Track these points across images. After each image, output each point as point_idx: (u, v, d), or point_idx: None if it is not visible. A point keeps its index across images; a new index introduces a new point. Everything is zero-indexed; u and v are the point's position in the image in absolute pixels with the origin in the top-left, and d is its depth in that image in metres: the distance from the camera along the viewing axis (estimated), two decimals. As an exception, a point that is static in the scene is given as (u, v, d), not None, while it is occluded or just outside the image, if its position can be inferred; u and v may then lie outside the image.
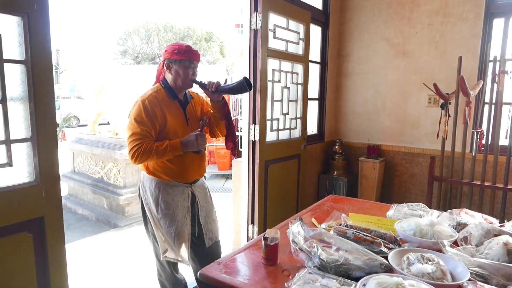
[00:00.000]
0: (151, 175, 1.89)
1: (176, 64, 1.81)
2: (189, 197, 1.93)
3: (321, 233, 1.31)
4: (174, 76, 1.83)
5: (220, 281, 1.20)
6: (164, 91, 1.86)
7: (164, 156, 1.75)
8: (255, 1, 2.67)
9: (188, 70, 1.81)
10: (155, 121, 1.77)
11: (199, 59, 1.87)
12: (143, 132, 1.73)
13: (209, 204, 2.07)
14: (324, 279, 1.11)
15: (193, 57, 1.81)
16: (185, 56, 1.78)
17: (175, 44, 1.83)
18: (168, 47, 1.82)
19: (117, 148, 4.25)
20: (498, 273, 1.11)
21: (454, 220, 1.55)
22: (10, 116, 1.46)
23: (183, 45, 1.80)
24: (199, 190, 2.00)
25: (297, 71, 3.20)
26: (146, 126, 1.74)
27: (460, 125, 3.10)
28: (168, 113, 1.82)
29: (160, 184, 1.87)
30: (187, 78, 1.83)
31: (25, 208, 1.50)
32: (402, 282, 0.99)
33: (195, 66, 1.85)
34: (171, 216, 1.87)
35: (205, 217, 2.02)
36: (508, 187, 2.87)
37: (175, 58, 1.79)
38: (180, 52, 1.78)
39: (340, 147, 3.97)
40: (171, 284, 2.06)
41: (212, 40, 23.77)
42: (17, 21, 1.44)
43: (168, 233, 1.88)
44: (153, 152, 1.71)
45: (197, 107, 2.02)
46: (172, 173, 1.87)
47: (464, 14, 3.29)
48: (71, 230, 3.96)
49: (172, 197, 1.88)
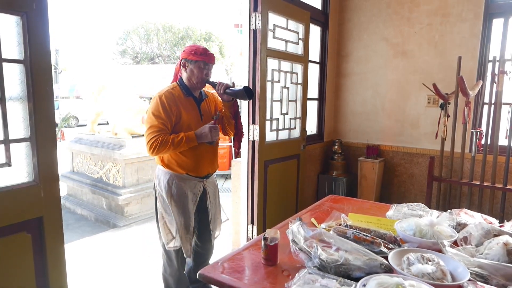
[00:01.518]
0: (166, 168, 2.00)
1: (191, 64, 1.94)
2: (200, 192, 2.05)
3: (321, 233, 1.30)
4: (189, 74, 1.96)
5: (219, 281, 1.20)
6: (179, 89, 1.99)
7: (179, 147, 1.86)
8: (255, 1, 2.67)
9: (202, 70, 1.94)
10: (171, 115, 1.88)
11: (214, 62, 1.99)
12: (160, 125, 1.85)
13: (217, 202, 2.20)
14: (324, 279, 1.11)
15: (208, 59, 1.94)
16: (201, 57, 1.91)
17: (193, 45, 1.96)
18: (187, 48, 1.96)
19: (117, 148, 4.24)
20: (498, 273, 1.10)
21: (454, 220, 1.55)
22: (9, 116, 1.45)
23: (200, 47, 1.93)
24: (210, 187, 2.12)
25: (296, 71, 3.20)
26: (162, 119, 1.86)
27: (459, 125, 3.10)
28: (183, 108, 1.94)
29: (174, 177, 1.98)
30: (200, 78, 1.95)
31: (24, 208, 1.49)
32: (402, 282, 0.99)
33: (209, 68, 1.97)
34: (182, 208, 1.99)
35: (214, 214, 2.16)
36: (507, 187, 2.87)
37: (192, 58, 1.92)
38: (197, 53, 1.91)
39: (339, 147, 3.97)
40: (175, 281, 2.10)
41: (211, 40, 23.76)
42: (16, 21, 1.43)
43: (177, 223, 1.99)
44: (170, 144, 1.83)
45: (211, 105, 2.15)
46: (186, 165, 1.97)
47: (463, 14, 3.29)
48: (70, 230, 3.95)
49: (184, 190, 1.99)
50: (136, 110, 4.52)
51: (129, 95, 4.85)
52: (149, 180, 4.47)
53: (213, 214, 2.15)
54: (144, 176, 4.42)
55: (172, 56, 24.66)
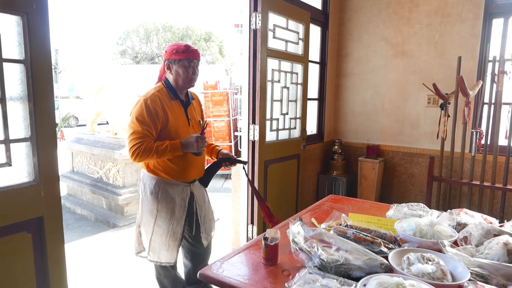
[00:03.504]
0: (152, 173, 1.91)
1: (175, 64, 1.83)
2: (188, 196, 1.96)
3: (321, 233, 1.31)
4: (175, 76, 1.85)
5: (220, 281, 1.20)
6: (166, 90, 1.88)
7: (163, 155, 1.77)
8: (255, 1, 2.67)
9: (187, 69, 1.82)
10: (156, 121, 1.78)
11: (199, 58, 1.87)
12: (144, 131, 1.75)
13: (206, 204, 2.11)
14: (324, 279, 1.11)
15: (192, 56, 1.82)
16: (183, 55, 1.80)
17: (174, 44, 1.85)
18: (168, 48, 1.84)
19: (116, 148, 4.24)
20: (498, 273, 1.11)
21: (454, 220, 1.55)
22: (10, 116, 1.45)
23: (182, 45, 1.81)
24: (197, 189, 2.02)
25: (296, 71, 3.20)
26: (147, 125, 1.76)
27: (459, 125, 3.10)
28: (170, 112, 1.84)
29: (160, 183, 1.89)
30: (187, 78, 1.84)
31: (24, 208, 1.49)
32: (403, 282, 0.99)
33: (195, 65, 1.85)
34: (169, 214, 1.90)
35: (204, 216, 2.06)
36: (507, 187, 2.88)
37: (174, 58, 1.81)
38: (179, 51, 1.80)
39: (339, 147, 3.97)
40: (170, 282, 2.07)
41: (211, 40, 23.77)
42: (16, 21, 1.44)
43: (162, 233, 1.91)
44: (153, 152, 1.73)
45: (198, 109, 2.07)
46: (172, 172, 1.89)
47: (463, 14, 3.30)
48: (70, 230, 3.95)
49: (171, 195, 1.90)
50: (136, 110, 4.52)
51: (129, 95, 4.85)
52: (149, 180, 4.46)
53: (203, 216, 2.05)
54: (144, 176, 4.41)
55: (172, 56, 24.62)
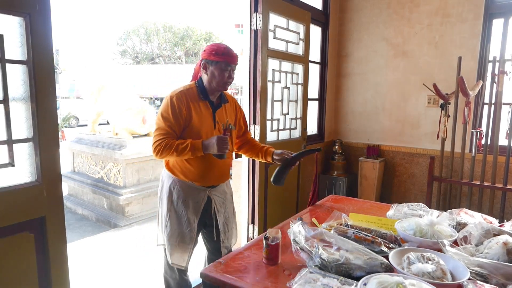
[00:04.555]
0: (170, 172, 1.88)
1: (212, 65, 1.77)
2: (204, 201, 1.88)
3: (322, 233, 1.31)
4: (210, 77, 1.79)
5: (221, 281, 1.21)
6: (196, 90, 1.82)
7: (183, 155, 1.71)
8: (255, 1, 2.68)
9: (224, 72, 1.77)
10: (179, 118, 1.74)
11: (237, 62, 1.81)
12: (167, 128, 1.73)
13: (228, 210, 2.00)
14: (325, 279, 1.12)
15: (231, 60, 1.76)
16: (222, 57, 1.74)
17: (214, 44, 1.79)
18: (207, 47, 1.79)
19: (117, 148, 4.25)
20: (498, 272, 1.11)
21: (454, 220, 1.56)
22: (12, 116, 1.46)
23: (222, 47, 1.76)
24: (217, 195, 1.93)
25: (297, 71, 3.21)
26: (170, 122, 1.73)
27: (459, 125, 3.11)
28: (195, 112, 1.78)
29: (176, 183, 1.85)
30: (222, 81, 1.78)
31: (27, 208, 1.50)
32: (403, 281, 0.99)
33: (232, 69, 1.79)
34: (181, 216, 1.85)
35: (223, 223, 1.96)
36: (507, 187, 2.88)
37: (212, 59, 1.75)
38: (218, 53, 1.74)
39: (340, 147, 3.98)
40: (176, 284, 2.01)
41: (211, 40, 23.77)
42: (19, 22, 1.44)
43: (172, 234, 1.86)
44: (173, 149, 1.69)
45: (231, 113, 1.95)
46: (189, 174, 1.83)
47: (463, 15, 3.30)
48: (71, 230, 3.96)
49: (185, 197, 1.85)
50: (136, 110, 4.53)
51: (129, 95, 4.85)
52: (150, 180, 4.48)
53: (222, 223, 1.95)
54: (145, 176, 4.43)
55: (172, 56, 24.68)
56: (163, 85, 19.32)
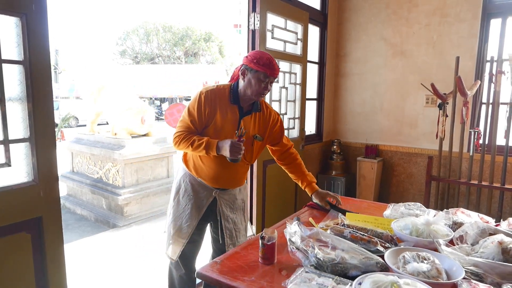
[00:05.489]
0: (184, 164, 1.91)
1: (251, 73, 1.72)
2: (209, 201, 1.86)
3: (318, 233, 1.31)
4: (246, 84, 1.74)
5: (217, 280, 1.21)
6: (228, 92, 1.79)
7: (198, 151, 1.72)
8: (253, 2, 2.68)
9: (261, 83, 1.71)
10: (202, 116, 1.75)
11: (276, 76, 1.75)
12: (189, 123, 1.75)
13: (237, 216, 1.95)
14: (320, 278, 1.12)
15: (271, 72, 1.70)
16: (262, 68, 1.68)
17: (258, 52, 1.75)
18: (250, 53, 1.76)
19: (116, 148, 4.25)
20: (493, 272, 1.12)
21: (450, 219, 1.56)
22: (9, 117, 1.46)
23: (265, 56, 1.71)
24: (224, 198, 1.89)
25: (295, 71, 3.21)
26: (193, 117, 1.75)
27: (457, 125, 3.11)
28: (220, 113, 1.75)
29: (187, 176, 1.88)
30: (257, 91, 1.72)
31: (24, 208, 1.50)
32: (397, 280, 0.99)
33: (270, 81, 1.73)
34: (183, 209, 1.87)
35: (232, 229, 1.91)
36: (505, 187, 2.89)
37: (252, 67, 1.70)
38: (259, 62, 1.69)
39: (338, 147, 3.98)
40: (179, 282, 1.98)
41: (211, 40, 23.80)
42: (15, 22, 1.44)
43: (170, 223, 1.89)
44: (190, 143, 1.71)
45: (261, 122, 1.88)
46: (201, 171, 1.84)
47: (461, 14, 3.30)
48: (70, 230, 3.96)
49: (192, 192, 1.86)
50: (135, 110, 4.53)
51: (129, 95, 4.85)
52: (149, 180, 4.48)
53: (230, 229, 1.90)
54: (144, 176, 4.43)
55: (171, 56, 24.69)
56: (162, 85, 19.32)
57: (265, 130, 1.91)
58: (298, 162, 2.06)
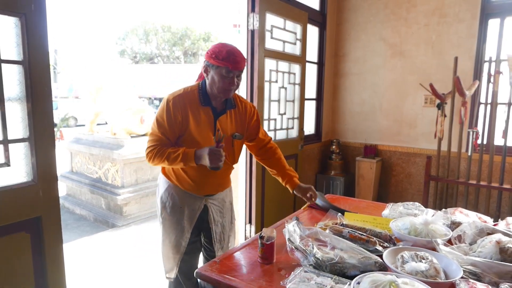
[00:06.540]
0: (165, 177, 1.76)
1: (213, 69, 1.55)
2: (200, 209, 1.75)
3: (317, 232, 1.32)
4: (210, 81, 1.58)
5: (216, 280, 1.21)
6: (197, 93, 1.63)
7: (175, 164, 1.57)
8: (252, 2, 2.68)
9: (224, 79, 1.54)
10: (174, 126, 1.58)
11: (242, 68, 1.56)
12: (160, 135, 1.59)
13: (226, 219, 1.86)
14: (319, 278, 1.13)
15: (232, 66, 1.52)
16: (222, 63, 1.51)
17: (217, 45, 1.56)
18: (210, 47, 1.57)
19: (115, 148, 4.25)
20: (491, 271, 1.12)
21: (449, 219, 1.57)
22: (8, 116, 1.47)
23: (224, 49, 1.52)
24: (214, 203, 1.79)
25: (294, 71, 3.21)
26: (164, 129, 1.58)
27: (456, 125, 3.12)
28: (192, 119, 1.59)
29: (171, 189, 1.73)
30: (223, 87, 1.56)
31: (23, 208, 1.51)
32: (396, 280, 1.00)
33: (235, 75, 1.55)
34: (174, 223, 1.73)
35: (220, 233, 1.84)
36: (503, 187, 2.90)
37: (212, 62, 1.53)
38: (218, 57, 1.51)
39: (337, 147, 3.99)
40: None
41: (210, 40, 23.75)
42: (14, 22, 1.45)
43: (163, 240, 1.78)
44: (165, 158, 1.56)
45: (238, 119, 1.73)
46: (185, 183, 1.70)
47: (460, 15, 3.31)
48: (69, 230, 3.96)
49: (180, 205, 1.72)
50: (134, 110, 4.53)
51: (128, 95, 4.85)
52: (148, 180, 4.48)
53: (218, 233, 1.82)
54: (143, 176, 4.43)
55: (171, 56, 24.66)
56: (162, 85, 19.31)
57: (244, 127, 1.77)
58: (278, 156, 1.91)
